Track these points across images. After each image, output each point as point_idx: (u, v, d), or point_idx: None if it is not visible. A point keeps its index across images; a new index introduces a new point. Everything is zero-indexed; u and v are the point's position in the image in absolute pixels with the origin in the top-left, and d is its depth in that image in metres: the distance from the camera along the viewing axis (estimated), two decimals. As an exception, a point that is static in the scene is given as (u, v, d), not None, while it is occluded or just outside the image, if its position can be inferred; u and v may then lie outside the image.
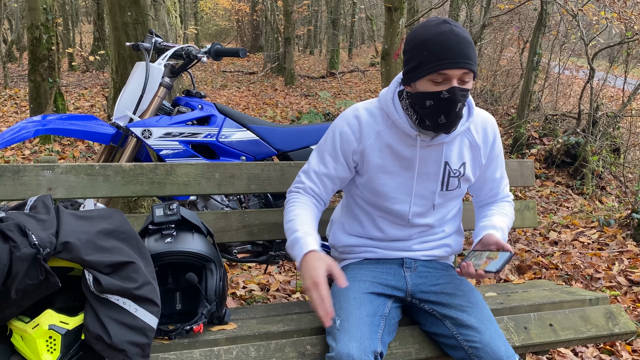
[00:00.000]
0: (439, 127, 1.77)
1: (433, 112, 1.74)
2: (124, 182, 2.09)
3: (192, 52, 2.63)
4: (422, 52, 1.69)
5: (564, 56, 9.56)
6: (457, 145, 1.92)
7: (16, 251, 1.46)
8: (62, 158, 6.44)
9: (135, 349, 1.56)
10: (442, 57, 1.67)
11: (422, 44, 1.70)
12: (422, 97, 1.74)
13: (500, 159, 2.03)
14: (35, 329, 1.52)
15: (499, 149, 2.01)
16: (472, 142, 1.94)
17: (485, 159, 1.98)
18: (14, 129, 2.40)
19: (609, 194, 6.24)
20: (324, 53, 22.94)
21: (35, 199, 1.71)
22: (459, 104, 1.72)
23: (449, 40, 1.67)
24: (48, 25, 7.19)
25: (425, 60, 1.69)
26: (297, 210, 1.88)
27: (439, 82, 1.70)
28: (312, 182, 1.94)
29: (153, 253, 1.73)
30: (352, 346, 1.62)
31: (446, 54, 1.67)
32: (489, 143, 1.97)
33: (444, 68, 1.67)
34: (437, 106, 1.73)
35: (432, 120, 1.76)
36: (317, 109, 10.28)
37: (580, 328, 2.09)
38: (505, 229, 1.97)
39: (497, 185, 2.06)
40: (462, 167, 1.93)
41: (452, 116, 1.74)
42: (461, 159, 1.93)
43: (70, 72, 14.60)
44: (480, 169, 1.99)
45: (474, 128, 1.94)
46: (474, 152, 1.95)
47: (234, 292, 3.44)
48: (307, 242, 1.75)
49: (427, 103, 1.74)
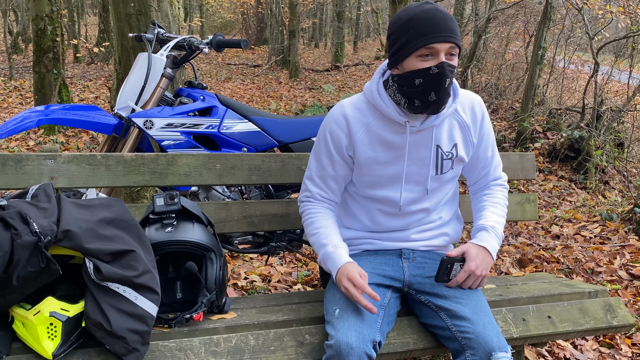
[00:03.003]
0: (429, 105, 1.78)
1: (423, 90, 1.76)
2: (126, 172, 2.10)
3: (194, 43, 2.64)
4: (408, 30, 1.73)
5: (569, 50, 9.54)
6: (447, 128, 1.93)
7: (17, 239, 1.47)
8: (66, 149, 6.46)
9: (135, 336, 1.57)
10: (429, 32, 1.70)
11: (408, 23, 1.73)
12: (411, 77, 1.76)
13: (491, 137, 2.04)
14: (36, 316, 1.53)
15: (489, 127, 2.02)
16: (461, 122, 1.95)
17: (477, 138, 1.99)
18: (16, 119, 2.42)
19: (612, 189, 6.23)
20: (329, 46, 22.91)
21: (37, 187, 1.72)
22: (448, 79, 1.75)
23: (434, 17, 1.71)
24: (53, 17, 7.20)
25: (412, 37, 1.72)
26: (317, 222, 1.93)
27: (427, 58, 1.73)
28: (318, 188, 1.96)
29: (153, 242, 1.74)
30: (351, 335, 1.63)
31: (433, 28, 1.70)
32: (478, 121, 1.98)
33: (432, 42, 1.70)
34: (427, 83, 1.74)
35: (422, 98, 1.77)
36: (321, 102, 10.27)
37: (579, 320, 2.10)
38: (498, 223, 1.97)
39: (488, 164, 2.06)
40: (454, 149, 1.94)
41: (442, 92, 1.76)
42: (452, 140, 1.94)
43: (75, 64, 14.61)
44: (472, 149, 1.99)
45: (461, 108, 1.95)
46: (465, 132, 1.96)
47: (236, 282, 3.45)
48: (338, 255, 1.82)
49: (416, 82, 1.75)
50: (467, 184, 2.16)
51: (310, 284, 3.58)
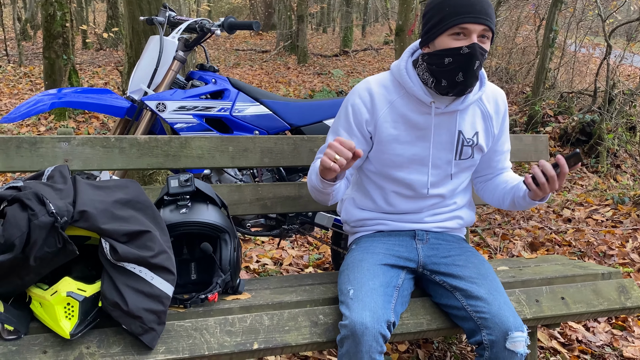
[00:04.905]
0: (456, 85, 1.79)
1: (451, 70, 1.76)
2: (139, 154, 2.11)
3: (205, 25, 2.63)
4: (444, 9, 1.74)
5: (581, 34, 9.42)
6: (470, 115, 1.93)
7: (34, 219, 1.48)
8: (77, 135, 6.48)
9: (152, 316, 1.59)
10: (464, 12, 1.71)
11: (444, 2, 1.74)
12: (441, 55, 1.76)
13: (508, 131, 2.07)
14: (53, 296, 1.55)
15: (507, 122, 2.06)
16: (485, 112, 1.96)
17: (498, 130, 2.00)
18: (30, 102, 2.43)
19: (624, 172, 6.19)
20: (337, 31, 22.77)
21: (53, 168, 1.73)
22: (478, 61, 1.75)
23: None
24: (62, 2, 7.20)
25: (446, 15, 1.73)
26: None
27: (459, 37, 1.73)
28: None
29: (168, 223, 1.75)
30: (366, 315, 1.64)
31: (468, 8, 1.71)
32: (501, 114, 2.01)
33: (466, 22, 1.71)
34: (457, 62, 1.75)
35: (450, 78, 1.78)
36: (330, 87, 10.24)
37: (592, 302, 2.09)
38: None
39: (504, 159, 2.09)
40: (475, 137, 1.94)
41: (470, 74, 1.76)
42: (474, 128, 1.94)
43: (84, 50, 14.62)
44: (492, 140, 2.00)
45: (485, 98, 1.97)
46: (487, 122, 1.97)
47: (248, 265, 3.47)
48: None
49: (446, 60, 1.76)
50: (475, 174, 2.12)
51: (322, 267, 3.59)
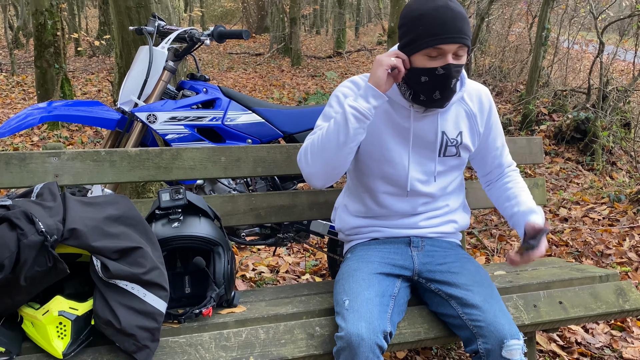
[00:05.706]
0: (433, 102, 1.80)
1: (428, 88, 1.76)
2: (130, 167, 2.09)
3: (195, 35, 2.61)
4: (417, 27, 1.71)
5: (573, 30, 9.43)
6: (453, 115, 1.93)
7: (24, 239, 1.46)
8: (70, 144, 6.45)
9: (145, 333, 1.57)
10: (438, 32, 1.68)
11: (418, 19, 1.71)
12: (417, 73, 1.75)
13: (499, 127, 2.05)
14: (45, 315, 1.53)
15: (496, 118, 2.03)
16: (468, 111, 1.96)
17: (484, 128, 2.00)
18: (19, 116, 2.40)
19: (620, 170, 6.19)
20: (330, 32, 22.74)
21: (42, 186, 1.71)
22: (454, 79, 1.75)
23: (444, 15, 1.68)
24: (53, 11, 7.17)
25: (420, 35, 1.70)
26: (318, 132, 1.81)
27: (434, 57, 1.72)
28: None
29: (160, 238, 1.73)
30: (362, 326, 1.62)
31: (441, 28, 1.68)
32: (485, 111, 1.99)
33: (440, 43, 1.69)
34: (432, 82, 1.74)
35: (427, 95, 1.78)
36: (324, 90, 10.22)
37: (590, 305, 2.08)
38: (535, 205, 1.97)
39: (500, 155, 2.07)
40: (459, 136, 1.94)
41: (447, 92, 1.77)
42: (457, 128, 1.94)
43: (77, 57, 14.58)
44: (479, 138, 2.00)
45: (468, 97, 1.95)
46: (471, 121, 1.96)
47: (244, 274, 3.45)
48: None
49: (422, 79, 1.75)
50: (479, 175, 2.16)
51: (319, 273, 3.58)
